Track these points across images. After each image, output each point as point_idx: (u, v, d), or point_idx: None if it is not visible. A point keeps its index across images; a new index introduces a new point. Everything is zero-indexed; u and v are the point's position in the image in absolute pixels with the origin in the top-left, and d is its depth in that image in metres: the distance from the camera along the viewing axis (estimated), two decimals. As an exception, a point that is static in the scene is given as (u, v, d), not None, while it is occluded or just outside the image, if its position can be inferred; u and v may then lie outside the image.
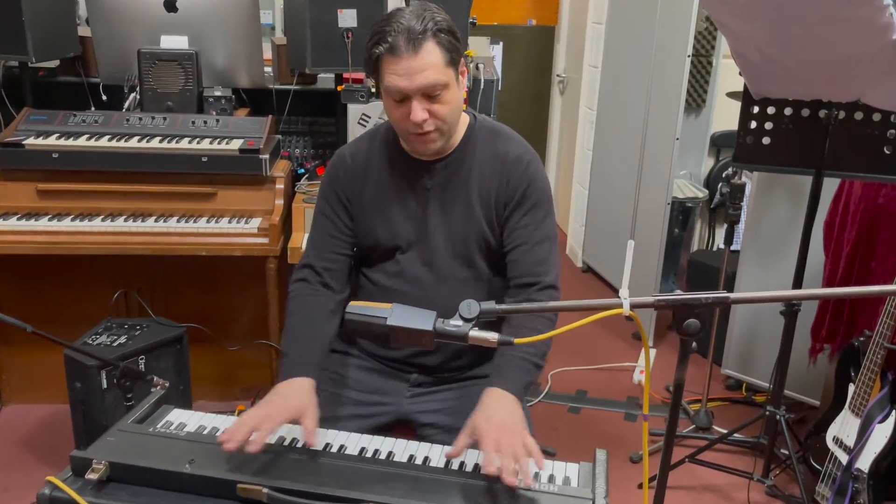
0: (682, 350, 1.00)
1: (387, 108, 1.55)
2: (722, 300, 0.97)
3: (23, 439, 2.71)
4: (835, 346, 2.59)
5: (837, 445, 2.27)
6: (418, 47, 1.44)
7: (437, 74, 1.46)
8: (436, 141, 1.56)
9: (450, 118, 1.54)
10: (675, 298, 0.98)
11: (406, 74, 1.45)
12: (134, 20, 2.91)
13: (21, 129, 2.63)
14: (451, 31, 1.50)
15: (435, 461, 1.41)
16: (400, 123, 1.54)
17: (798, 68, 1.98)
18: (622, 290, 0.98)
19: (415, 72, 1.45)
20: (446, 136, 1.57)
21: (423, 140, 1.54)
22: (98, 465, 1.28)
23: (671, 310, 1.00)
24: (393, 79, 1.46)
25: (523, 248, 1.60)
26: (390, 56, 1.45)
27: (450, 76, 1.50)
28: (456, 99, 1.54)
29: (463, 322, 1.07)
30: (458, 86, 1.54)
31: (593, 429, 2.93)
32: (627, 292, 0.97)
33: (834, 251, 2.58)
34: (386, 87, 1.49)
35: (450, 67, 1.49)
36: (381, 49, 1.46)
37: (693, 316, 0.98)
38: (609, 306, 0.98)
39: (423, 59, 1.45)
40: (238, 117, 2.85)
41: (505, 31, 5.07)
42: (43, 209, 2.57)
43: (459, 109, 1.58)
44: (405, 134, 1.57)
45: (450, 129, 1.57)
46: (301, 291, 1.66)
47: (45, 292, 2.81)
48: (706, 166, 4.40)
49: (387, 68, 1.47)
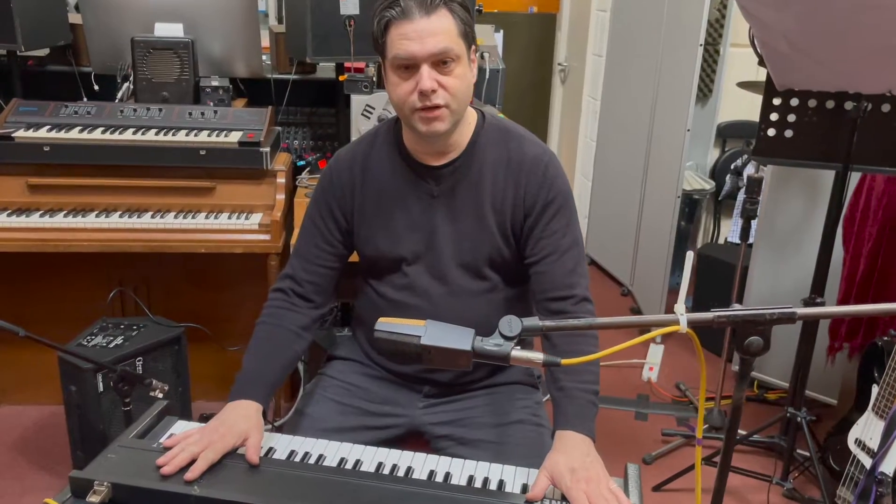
0: (741, 369, 0.92)
1: (391, 85, 1.42)
2: (788, 315, 0.88)
3: (17, 443, 2.61)
4: (854, 344, 2.53)
5: (860, 448, 2.20)
6: (431, 11, 1.35)
7: (450, 41, 1.36)
8: (444, 120, 1.41)
9: (460, 95, 1.41)
10: (737, 314, 0.89)
11: (418, 38, 1.34)
12: (127, 7, 2.80)
13: (10, 121, 2.52)
14: (464, 4, 1.40)
15: (456, 478, 1.33)
16: (405, 100, 1.40)
17: (829, 59, 1.90)
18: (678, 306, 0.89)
19: (427, 35, 1.34)
20: (455, 117, 1.43)
21: (430, 117, 1.40)
22: (100, 487, 1.19)
23: (731, 326, 0.91)
24: (403, 44, 1.35)
25: (551, 259, 1.48)
26: (402, 19, 1.35)
27: (462, 49, 1.39)
28: (467, 77, 1.42)
29: (504, 340, 0.98)
30: (469, 65, 1.43)
31: (603, 428, 2.81)
32: (684, 308, 0.88)
33: (854, 247, 2.51)
34: (394, 55, 1.37)
35: (462, 40, 1.39)
36: (392, 13, 1.35)
37: (756, 333, 0.89)
38: (664, 322, 0.89)
39: (435, 22, 1.35)
40: (236, 108, 2.75)
41: (506, 19, 4.96)
42: (34, 204, 2.46)
43: (470, 90, 1.45)
44: (411, 114, 1.41)
45: (458, 109, 1.43)
46: (276, 304, 1.57)
47: (39, 291, 2.71)
48: (712, 157, 4.32)
49: (396, 32, 1.36)
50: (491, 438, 1.53)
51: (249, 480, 1.27)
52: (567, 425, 1.35)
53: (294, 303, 1.57)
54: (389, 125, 1.58)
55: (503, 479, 1.33)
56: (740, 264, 2.64)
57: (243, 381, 1.46)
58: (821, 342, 2.62)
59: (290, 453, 1.39)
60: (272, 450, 1.40)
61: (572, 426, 1.34)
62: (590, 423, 1.37)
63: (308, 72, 3.18)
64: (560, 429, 1.35)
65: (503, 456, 1.42)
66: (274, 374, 1.49)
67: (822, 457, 2.37)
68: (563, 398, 1.38)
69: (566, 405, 1.37)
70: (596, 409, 1.40)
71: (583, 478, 1.23)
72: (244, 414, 1.38)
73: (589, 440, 1.34)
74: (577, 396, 1.37)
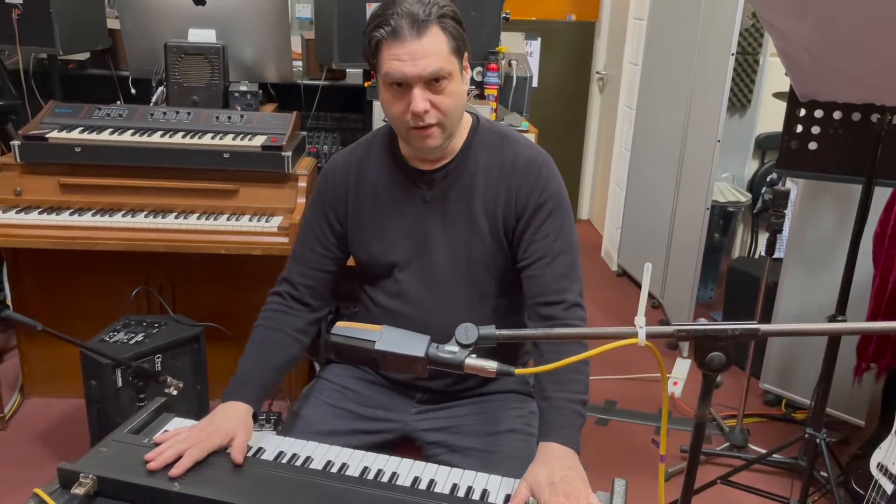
0: (704, 386, 0.90)
1: (384, 102, 1.43)
2: (751, 332, 0.86)
3: (42, 434, 2.70)
4: (882, 365, 2.44)
5: (882, 473, 2.12)
6: (422, 32, 1.34)
7: (442, 62, 1.36)
8: (436, 137, 1.42)
9: (452, 112, 1.42)
10: (697, 328, 0.88)
11: (409, 59, 1.34)
12: (162, 13, 2.88)
13: (46, 122, 2.62)
14: (456, 18, 1.39)
15: (440, 486, 1.32)
16: (399, 117, 1.42)
17: (850, 70, 1.84)
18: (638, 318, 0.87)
19: (418, 57, 1.34)
20: (447, 132, 1.44)
21: (422, 135, 1.42)
22: (85, 480, 1.22)
23: (692, 341, 0.89)
24: (394, 64, 1.35)
25: (543, 263, 1.46)
26: (392, 40, 1.34)
27: (454, 66, 1.39)
28: (459, 92, 1.42)
29: (459, 348, 0.98)
30: (461, 78, 1.43)
31: (621, 442, 2.81)
32: (644, 320, 0.87)
33: (884, 265, 2.42)
34: (385, 73, 1.37)
35: (454, 56, 1.39)
36: (382, 33, 1.35)
37: (718, 349, 0.87)
38: (623, 335, 0.88)
39: (427, 44, 1.34)
40: (263, 113, 2.79)
41: (543, 27, 4.93)
42: (65, 203, 2.55)
43: (462, 105, 1.46)
44: (404, 130, 1.44)
45: (451, 125, 1.44)
46: (273, 307, 1.59)
47: (66, 287, 2.79)
48: (750, 169, 4.22)
49: (387, 53, 1.36)
50: (481, 447, 1.52)
51: (231, 480, 1.29)
52: (551, 436, 1.33)
53: (291, 306, 1.58)
54: (385, 130, 1.59)
55: (487, 488, 1.32)
56: (764, 278, 2.58)
57: (236, 383, 1.48)
58: (850, 361, 2.54)
59: (279, 454, 1.40)
60: (261, 450, 1.41)
61: (556, 437, 1.32)
62: (574, 435, 1.34)
63: (338, 78, 3.22)
64: (543, 440, 1.33)
65: (492, 465, 1.42)
66: (267, 376, 1.51)
67: (845, 480, 2.29)
68: (549, 408, 1.37)
69: (551, 415, 1.36)
70: (582, 421, 1.38)
71: (561, 491, 1.21)
72: (233, 415, 1.40)
73: (572, 452, 1.32)
74: (562, 407, 1.35)
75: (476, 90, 2.99)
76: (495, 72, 2.92)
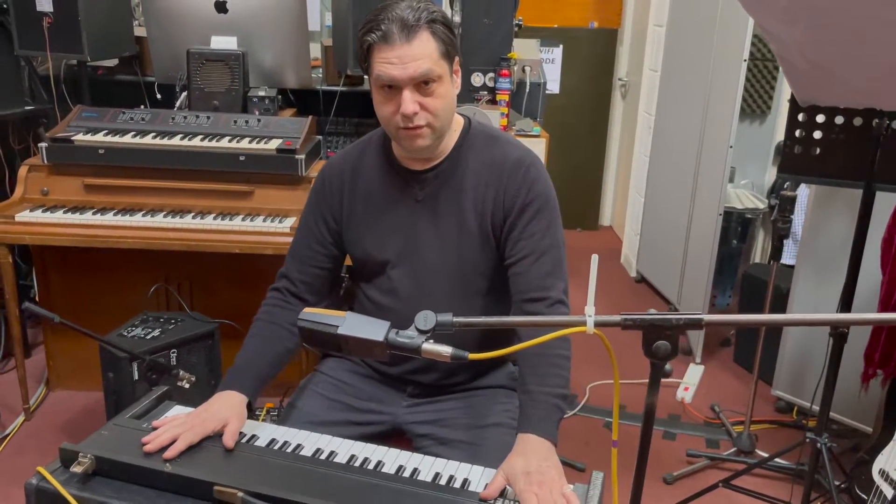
0: (652, 374, 0.93)
1: (375, 103, 1.49)
2: (695, 322, 0.89)
3: (65, 425, 2.81)
4: (888, 371, 2.42)
5: (883, 479, 2.11)
6: (412, 36, 1.40)
7: (430, 65, 1.41)
8: (425, 137, 1.48)
9: (442, 114, 1.47)
10: (643, 318, 0.91)
11: (399, 62, 1.40)
12: (186, 21, 2.99)
13: (72, 126, 2.73)
14: (446, 23, 1.45)
15: (424, 474, 1.37)
16: (389, 119, 1.47)
17: (846, 75, 1.85)
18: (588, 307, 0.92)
19: (408, 60, 1.39)
20: (437, 133, 1.50)
21: (412, 135, 1.47)
22: (84, 459, 1.30)
23: (640, 330, 0.93)
24: (385, 67, 1.41)
25: (528, 261, 1.50)
26: (383, 44, 1.40)
27: (444, 69, 1.44)
28: (449, 94, 1.48)
29: (418, 334, 1.03)
30: (451, 81, 1.48)
31: (628, 445, 2.78)
32: (593, 309, 0.90)
33: (891, 271, 2.41)
34: (377, 75, 1.43)
35: (444, 60, 1.44)
36: (373, 37, 1.41)
37: (664, 338, 0.91)
38: (572, 323, 0.92)
39: (416, 47, 1.40)
40: (280, 117, 2.88)
41: (566, 34, 4.97)
42: (89, 203, 2.65)
43: (452, 107, 1.51)
44: (394, 130, 1.49)
45: (441, 127, 1.49)
46: (271, 302, 1.66)
47: (89, 283, 2.90)
48: (770, 176, 4.21)
49: (378, 57, 1.42)
50: (467, 439, 1.56)
51: (221, 462, 1.35)
52: (529, 428, 1.37)
53: (288, 301, 1.65)
54: (381, 132, 1.64)
55: (469, 478, 1.36)
56: (771, 283, 2.58)
57: (233, 374, 1.55)
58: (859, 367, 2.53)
59: (271, 441, 1.46)
60: (255, 437, 1.47)
61: (534, 429, 1.36)
62: (551, 427, 1.38)
63: (356, 84, 3.30)
64: (522, 431, 1.37)
65: (477, 457, 1.45)
66: (263, 368, 1.57)
67: (849, 485, 2.28)
68: (528, 401, 1.41)
69: (530, 408, 1.40)
70: (561, 414, 1.42)
71: (536, 481, 1.25)
72: (228, 403, 1.46)
73: (549, 444, 1.36)
74: (541, 400, 1.39)
75: (488, 95, 3.05)
76: (507, 77, 2.97)
